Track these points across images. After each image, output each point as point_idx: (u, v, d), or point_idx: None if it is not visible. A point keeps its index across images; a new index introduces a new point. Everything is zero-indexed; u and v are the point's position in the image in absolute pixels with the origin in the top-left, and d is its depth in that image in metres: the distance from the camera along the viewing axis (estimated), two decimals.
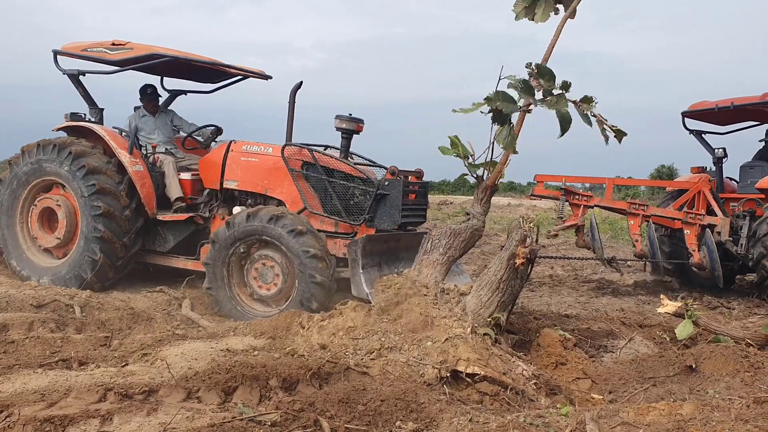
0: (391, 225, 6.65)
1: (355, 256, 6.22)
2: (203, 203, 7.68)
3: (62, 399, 3.51)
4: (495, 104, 4.40)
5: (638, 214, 8.69)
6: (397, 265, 6.71)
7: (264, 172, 7.23)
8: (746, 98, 8.98)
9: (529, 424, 3.37)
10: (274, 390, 3.81)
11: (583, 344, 5.42)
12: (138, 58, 7.52)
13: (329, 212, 6.87)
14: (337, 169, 6.95)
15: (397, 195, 6.60)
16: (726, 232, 8.35)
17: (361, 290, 6.04)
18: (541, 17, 4.85)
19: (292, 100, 7.03)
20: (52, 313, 5.71)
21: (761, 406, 3.47)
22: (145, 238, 7.67)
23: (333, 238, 6.78)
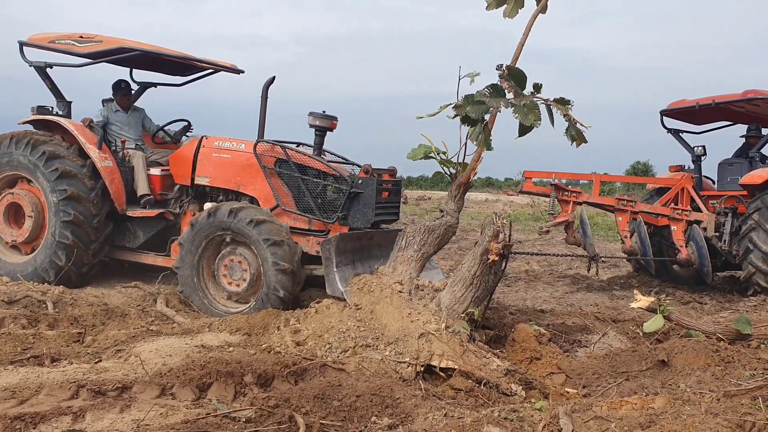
0: (364, 223, 6.65)
1: (328, 254, 6.16)
2: (174, 199, 7.59)
3: (33, 396, 3.48)
4: (464, 110, 4.43)
5: (627, 211, 8.75)
6: (371, 262, 6.68)
7: (236, 168, 7.16)
8: (727, 96, 9.02)
9: (503, 418, 3.40)
10: (249, 386, 3.81)
11: (557, 339, 5.47)
12: (107, 52, 7.42)
13: (302, 210, 6.84)
14: (310, 166, 6.92)
15: (371, 193, 6.60)
16: (712, 227, 8.50)
17: (336, 289, 6.00)
18: (511, 12, 4.86)
19: (265, 96, 7.01)
20: (24, 309, 5.63)
21: (731, 400, 3.53)
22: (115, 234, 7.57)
23: (306, 236, 6.78)
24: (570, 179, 8.94)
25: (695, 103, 9.26)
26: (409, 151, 5.20)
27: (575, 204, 8.72)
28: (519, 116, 4.36)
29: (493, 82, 4.49)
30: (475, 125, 4.61)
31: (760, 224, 8.06)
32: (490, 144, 4.77)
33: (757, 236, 8.07)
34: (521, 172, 9.39)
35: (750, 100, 8.70)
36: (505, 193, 33.93)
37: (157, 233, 7.54)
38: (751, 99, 8.67)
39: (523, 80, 4.49)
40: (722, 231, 8.59)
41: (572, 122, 4.49)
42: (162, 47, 7.76)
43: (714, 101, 9.03)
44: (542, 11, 4.85)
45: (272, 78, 7.01)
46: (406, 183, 44.98)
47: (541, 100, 4.48)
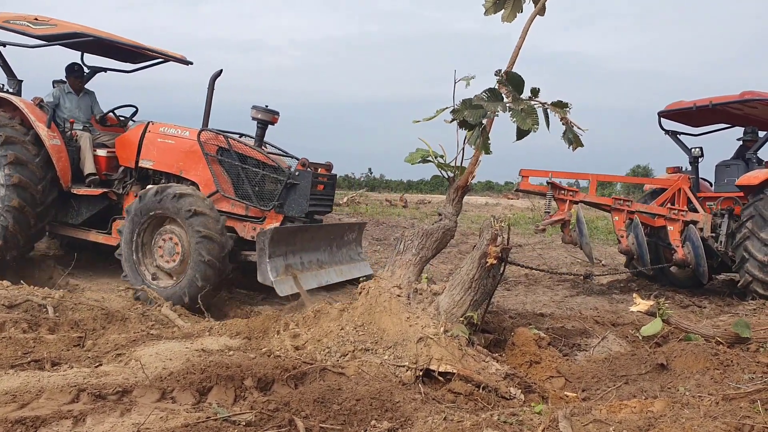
0: (299, 213, 7.08)
1: (262, 245, 6.59)
2: (118, 180, 8.01)
3: (34, 400, 3.48)
4: (462, 114, 4.44)
5: (623, 210, 8.73)
6: (303, 255, 7.20)
7: (180, 154, 7.56)
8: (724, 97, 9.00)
9: (502, 422, 3.40)
10: (249, 390, 3.81)
11: (557, 343, 5.48)
12: (61, 35, 7.73)
13: (240, 196, 7.25)
14: (250, 156, 7.33)
15: (306, 185, 7.06)
16: (708, 228, 8.47)
17: (267, 278, 6.52)
18: (509, 16, 4.88)
19: (211, 88, 7.40)
20: (24, 314, 5.64)
21: (729, 403, 3.54)
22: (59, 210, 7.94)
23: (243, 222, 7.21)
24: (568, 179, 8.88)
25: (692, 104, 9.25)
26: (407, 155, 5.22)
27: (572, 203, 8.70)
28: (517, 121, 4.37)
29: (490, 87, 4.50)
30: (473, 129, 4.62)
31: (753, 233, 8.03)
32: (489, 148, 4.78)
33: (752, 245, 8.05)
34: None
35: (747, 101, 8.69)
36: (505, 196, 33.97)
37: (99, 212, 7.96)
38: (747, 100, 8.66)
39: (521, 85, 4.50)
40: (719, 232, 8.57)
41: (569, 125, 4.50)
42: (114, 35, 8.09)
43: (711, 102, 9.01)
44: (540, 14, 4.86)
45: (219, 71, 7.38)
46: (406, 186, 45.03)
47: (539, 103, 4.49)
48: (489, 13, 4.99)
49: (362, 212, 20.34)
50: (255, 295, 7.64)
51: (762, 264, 7.94)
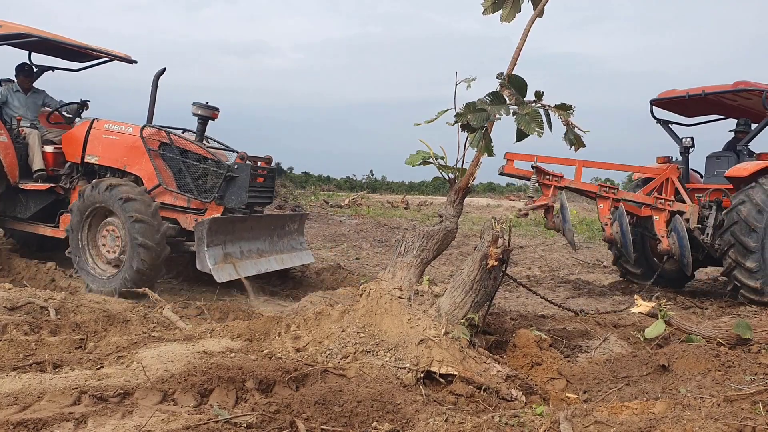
0: (238, 204, 7.48)
1: (201, 235, 6.98)
2: (64, 175, 8.34)
3: (36, 402, 3.48)
4: (465, 118, 4.44)
5: (608, 198, 8.54)
6: (241, 244, 7.55)
7: (123, 149, 7.89)
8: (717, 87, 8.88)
9: (504, 423, 3.41)
10: (251, 392, 3.81)
11: (558, 344, 5.47)
12: (7, 36, 8.01)
13: (182, 189, 7.64)
14: (191, 150, 7.71)
15: (246, 177, 7.44)
16: (695, 219, 8.34)
17: (205, 265, 6.94)
18: (508, 16, 4.89)
19: (155, 85, 7.79)
20: (26, 316, 5.65)
21: (731, 405, 3.54)
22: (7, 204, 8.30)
23: (185, 213, 7.61)
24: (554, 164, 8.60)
25: (685, 93, 9.13)
26: (408, 156, 5.22)
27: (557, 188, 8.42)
28: (521, 124, 4.37)
29: (493, 90, 4.51)
30: (475, 132, 4.63)
31: (742, 218, 7.90)
32: (492, 150, 4.79)
33: (739, 230, 7.92)
34: None
35: (740, 91, 8.59)
36: (506, 198, 33.96)
37: (47, 206, 8.31)
38: (740, 90, 8.56)
39: (524, 87, 4.50)
40: (705, 224, 8.44)
41: (570, 127, 4.51)
42: (59, 35, 8.38)
43: (704, 91, 8.90)
44: (539, 15, 4.87)
45: (162, 69, 7.77)
46: (407, 188, 45.01)
47: (542, 106, 4.49)
48: (488, 13, 5.00)
49: (363, 214, 20.37)
50: (257, 298, 7.65)
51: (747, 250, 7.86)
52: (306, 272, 9.08)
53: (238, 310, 6.57)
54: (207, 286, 8.14)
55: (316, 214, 19.07)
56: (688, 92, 9.09)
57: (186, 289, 7.71)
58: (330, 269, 9.13)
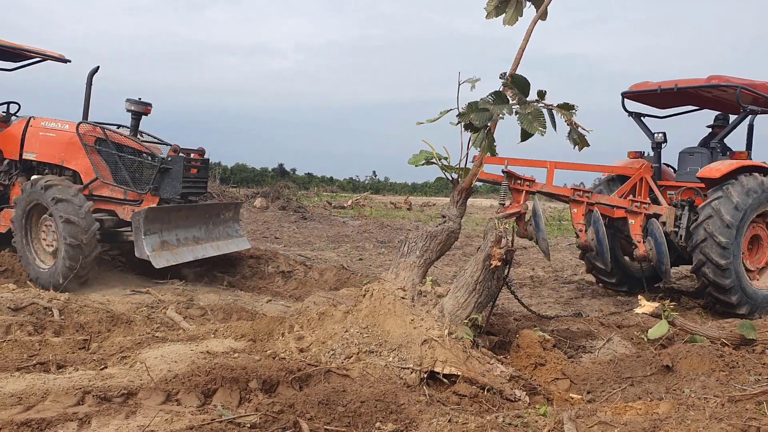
0: (173, 194, 7.90)
1: (138, 224, 7.40)
2: (3, 172, 8.68)
3: (40, 402, 3.49)
4: (468, 117, 4.44)
5: (582, 202, 7.97)
6: (177, 232, 7.94)
7: (60, 146, 8.22)
8: (690, 81, 8.43)
9: (507, 424, 3.40)
10: (254, 392, 3.81)
11: (562, 345, 5.47)
12: None
13: (119, 182, 8.03)
14: (126, 144, 8.11)
15: (179, 169, 7.86)
16: (671, 222, 7.94)
17: (143, 253, 7.37)
18: (511, 19, 4.90)
19: (89, 84, 8.16)
20: (29, 316, 5.66)
21: (735, 405, 3.53)
22: None
23: (122, 205, 8.01)
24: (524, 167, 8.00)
25: (657, 86, 8.70)
26: (411, 157, 5.22)
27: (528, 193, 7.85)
28: (524, 124, 4.37)
29: (496, 90, 4.50)
30: (478, 132, 4.62)
31: (718, 213, 7.51)
32: (495, 150, 4.78)
33: (713, 224, 7.50)
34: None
35: (714, 86, 8.20)
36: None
37: None
38: (715, 85, 8.18)
39: (527, 87, 4.50)
40: (679, 224, 8.04)
41: (574, 126, 4.50)
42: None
43: (677, 86, 8.48)
44: (542, 17, 4.87)
45: (96, 68, 8.14)
46: (410, 189, 45.05)
47: (545, 106, 4.49)
48: (490, 17, 5.01)
49: (367, 215, 20.37)
50: (260, 298, 7.66)
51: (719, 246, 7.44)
52: (309, 273, 9.08)
53: (242, 311, 6.57)
54: (210, 287, 8.15)
55: (320, 215, 19.09)
56: (660, 86, 8.68)
57: (189, 290, 7.71)
58: (333, 270, 9.13)
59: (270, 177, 40.97)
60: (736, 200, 7.50)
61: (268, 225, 16.04)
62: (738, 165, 7.81)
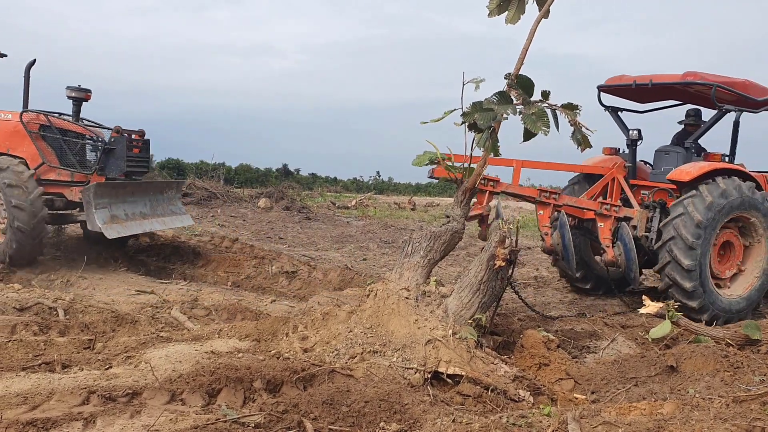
0: (118, 172, 8.63)
1: (88, 199, 7.98)
2: None
3: (45, 402, 3.50)
4: (472, 117, 4.44)
5: (549, 204, 7.48)
6: (125, 207, 8.53)
7: (5, 134, 8.58)
8: (665, 76, 8.14)
9: (511, 424, 3.40)
10: (259, 392, 3.82)
11: (566, 345, 5.47)
12: None
13: (65, 165, 8.53)
14: (70, 129, 8.70)
15: (122, 149, 8.55)
16: (643, 226, 7.46)
17: (95, 225, 7.93)
18: (513, 18, 4.90)
19: (27, 75, 8.62)
20: (35, 316, 5.68)
21: (740, 405, 3.53)
22: None
23: (70, 186, 8.52)
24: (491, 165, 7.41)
25: (633, 81, 8.37)
26: (415, 157, 5.23)
27: (492, 194, 7.38)
28: (528, 124, 4.37)
29: (500, 90, 4.51)
30: (482, 132, 4.63)
31: (689, 211, 7.16)
32: (498, 150, 4.79)
33: (683, 222, 7.14)
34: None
35: (688, 83, 7.88)
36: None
37: None
38: (689, 83, 7.83)
39: (531, 87, 4.50)
40: (650, 227, 7.58)
41: (577, 127, 4.50)
42: None
43: (651, 81, 8.17)
44: (545, 17, 4.87)
45: (33, 60, 8.63)
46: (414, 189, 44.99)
47: (549, 106, 4.49)
48: (493, 15, 5.01)
49: (370, 215, 20.36)
50: (264, 298, 7.67)
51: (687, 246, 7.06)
52: (313, 273, 9.09)
53: (246, 311, 6.59)
54: (215, 287, 8.17)
55: (323, 216, 19.09)
56: (636, 80, 8.37)
57: (194, 290, 7.72)
58: (337, 270, 9.14)
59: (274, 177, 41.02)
60: (709, 200, 7.19)
61: (272, 225, 16.04)
62: (710, 168, 7.49)
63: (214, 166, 25.28)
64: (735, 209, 7.39)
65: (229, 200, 18.81)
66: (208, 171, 25.01)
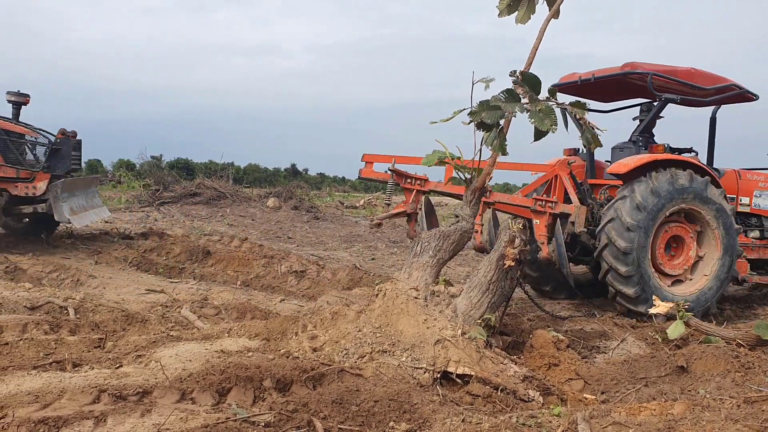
0: (64, 170, 9.58)
1: (56, 193, 9.03)
2: None
3: (56, 400, 3.52)
4: (480, 116, 4.43)
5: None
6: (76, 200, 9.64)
7: None
8: (606, 70, 7.87)
9: (521, 424, 3.40)
10: (268, 391, 3.82)
11: (576, 345, 5.45)
12: None
13: (11, 163, 9.21)
14: (13, 131, 9.42)
15: (68, 149, 9.59)
16: (581, 222, 6.99)
17: (63, 216, 9.09)
18: (523, 17, 4.89)
19: None
20: (45, 315, 5.71)
21: (751, 406, 3.51)
22: None
23: (15, 183, 9.22)
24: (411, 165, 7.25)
25: (578, 77, 8.19)
26: (424, 157, 5.22)
27: (420, 193, 7.23)
28: (535, 121, 4.36)
29: (508, 87, 4.50)
30: (490, 130, 4.61)
31: (619, 215, 6.95)
32: (506, 149, 4.77)
33: (613, 228, 6.97)
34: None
35: (627, 74, 7.64)
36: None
37: None
38: (627, 73, 7.62)
39: (538, 85, 4.49)
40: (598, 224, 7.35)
41: (587, 126, 4.49)
42: None
43: (594, 75, 7.95)
44: (554, 16, 4.86)
45: None
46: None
47: (556, 104, 4.47)
48: (503, 15, 5.00)
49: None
50: (273, 297, 7.69)
51: (620, 252, 6.89)
52: (322, 272, 9.10)
53: (256, 310, 6.61)
54: (224, 286, 8.19)
55: (332, 215, 19.11)
56: (581, 77, 8.18)
57: (204, 289, 7.75)
58: (346, 269, 9.15)
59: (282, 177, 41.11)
60: (638, 200, 6.94)
61: (280, 225, 16.07)
62: (648, 159, 7.22)
63: (223, 166, 25.34)
64: (676, 201, 7.08)
65: (238, 200, 18.85)
66: (217, 171, 25.07)
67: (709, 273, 7.33)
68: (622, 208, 6.97)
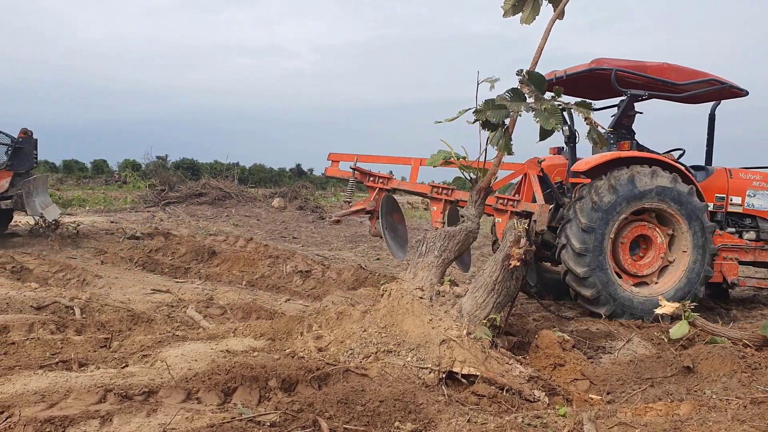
0: (27, 168, 10.36)
1: (29, 189, 9.92)
2: None
3: (62, 400, 3.53)
4: (485, 115, 4.42)
5: (440, 199, 7.23)
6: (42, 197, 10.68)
7: None
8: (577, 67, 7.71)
9: (527, 424, 3.39)
10: (274, 391, 3.83)
11: (581, 345, 5.44)
12: None
13: None
14: None
15: (31, 148, 10.39)
16: (544, 220, 6.92)
17: (36, 211, 10.06)
18: (528, 18, 4.88)
19: None
20: (52, 315, 5.73)
21: (758, 407, 3.49)
22: None
23: None
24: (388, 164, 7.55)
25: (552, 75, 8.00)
26: (429, 157, 5.22)
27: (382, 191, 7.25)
28: (540, 120, 4.35)
29: (513, 87, 4.50)
30: (496, 130, 4.61)
31: (575, 216, 6.89)
32: (511, 148, 4.77)
33: (570, 230, 6.90)
34: None
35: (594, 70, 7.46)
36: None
37: None
38: (594, 69, 7.44)
39: (543, 84, 4.49)
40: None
41: (593, 126, 4.48)
42: None
43: (565, 73, 7.77)
44: (559, 17, 4.85)
45: None
46: None
47: (562, 103, 4.47)
48: (508, 15, 4.99)
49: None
50: (279, 297, 7.69)
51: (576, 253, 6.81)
52: (327, 272, 9.11)
53: (261, 310, 6.62)
54: (230, 286, 8.20)
55: None
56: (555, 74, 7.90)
57: (209, 289, 7.76)
58: (351, 269, 9.15)
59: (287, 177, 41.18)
60: (594, 199, 6.85)
61: (285, 225, 16.09)
62: (611, 157, 7.16)
63: (228, 166, 25.44)
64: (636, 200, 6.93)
65: (243, 200, 18.89)
66: (222, 171, 25.12)
67: (679, 273, 7.18)
68: (579, 208, 6.90)
